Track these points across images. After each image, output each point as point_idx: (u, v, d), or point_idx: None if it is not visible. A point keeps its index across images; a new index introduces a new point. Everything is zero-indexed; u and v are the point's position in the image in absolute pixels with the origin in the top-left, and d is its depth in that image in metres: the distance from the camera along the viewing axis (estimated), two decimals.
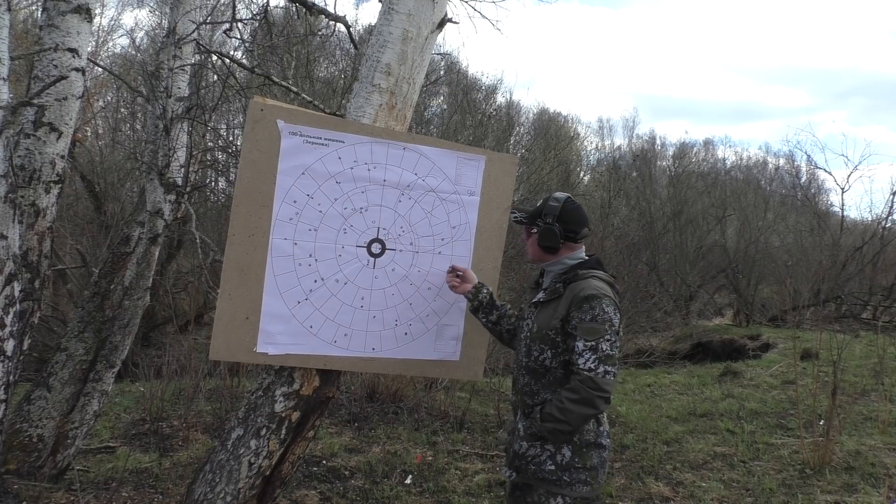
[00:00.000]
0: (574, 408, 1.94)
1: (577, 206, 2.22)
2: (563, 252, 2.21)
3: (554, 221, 2.18)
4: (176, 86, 3.72)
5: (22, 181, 2.85)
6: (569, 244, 2.21)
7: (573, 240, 2.20)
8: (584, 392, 1.92)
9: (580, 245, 2.24)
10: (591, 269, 2.15)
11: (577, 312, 2.01)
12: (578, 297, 2.03)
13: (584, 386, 1.93)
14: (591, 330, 1.98)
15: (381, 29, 2.64)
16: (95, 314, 3.47)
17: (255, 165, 2.39)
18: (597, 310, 1.99)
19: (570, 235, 2.19)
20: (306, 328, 2.50)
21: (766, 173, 26.70)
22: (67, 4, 2.98)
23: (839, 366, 4.80)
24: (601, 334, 1.97)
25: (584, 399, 1.93)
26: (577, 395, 1.94)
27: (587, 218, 2.25)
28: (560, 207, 2.19)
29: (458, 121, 14.52)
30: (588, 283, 2.07)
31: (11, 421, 3.21)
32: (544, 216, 2.21)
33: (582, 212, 2.23)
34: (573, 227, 2.19)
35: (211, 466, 2.53)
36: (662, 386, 7.31)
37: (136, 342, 6.63)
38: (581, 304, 2.01)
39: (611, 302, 2.03)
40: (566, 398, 1.96)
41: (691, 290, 15.82)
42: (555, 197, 2.24)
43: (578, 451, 2.06)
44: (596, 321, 1.98)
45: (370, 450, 4.40)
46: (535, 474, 2.09)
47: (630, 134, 30.45)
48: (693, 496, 3.88)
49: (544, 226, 2.20)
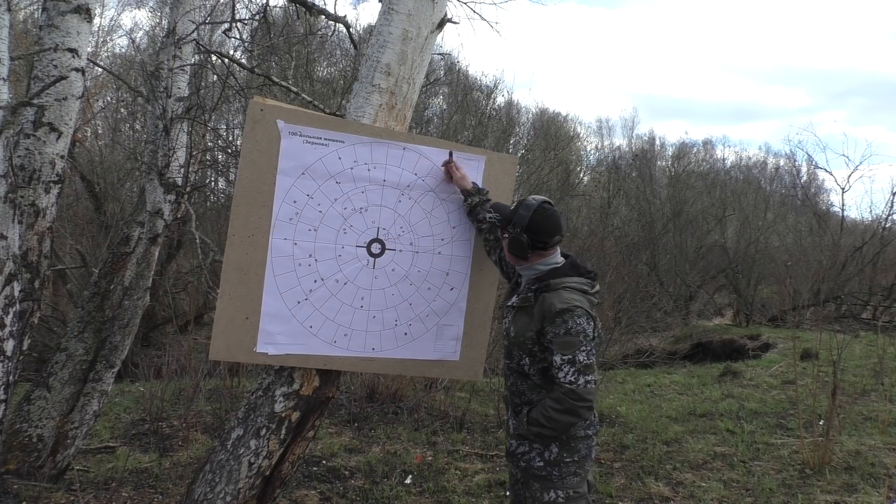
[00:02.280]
0: (559, 417, 2.04)
1: (548, 215, 2.16)
2: (533, 259, 2.20)
3: (522, 231, 2.15)
4: (176, 86, 3.72)
5: (22, 181, 2.85)
6: (539, 252, 2.18)
7: (542, 248, 2.17)
8: (567, 403, 2.01)
9: (552, 251, 2.21)
10: (563, 278, 2.13)
11: (551, 327, 2.05)
12: (550, 311, 2.06)
13: (567, 398, 2.01)
14: (566, 343, 2.02)
15: (380, 29, 2.64)
16: (95, 314, 3.47)
17: (255, 165, 2.39)
18: (569, 323, 2.03)
19: (539, 245, 2.16)
20: (306, 328, 2.50)
21: (766, 173, 26.74)
22: (67, 4, 2.98)
23: (839, 366, 4.80)
24: (577, 346, 2.02)
25: (568, 409, 2.02)
26: (561, 405, 2.02)
27: (559, 226, 2.18)
28: (529, 217, 2.14)
29: (458, 121, 14.52)
30: (559, 296, 2.08)
31: (11, 421, 3.21)
32: (514, 225, 2.18)
33: (553, 221, 2.17)
34: (541, 238, 2.15)
35: (211, 466, 2.53)
36: (662, 386, 7.31)
37: (136, 342, 6.63)
38: (554, 319, 2.05)
39: (582, 312, 2.05)
40: (551, 408, 2.04)
41: (691, 290, 15.82)
42: (526, 204, 2.18)
43: (566, 446, 2.15)
44: (570, 334, 2.02)
45: (370, 450, 4.40)
46: (526, 470, 2.19)
47: (630, 134, 30.52)
48: (693, 496, 3.88)
49: (512, 235, 2.18)
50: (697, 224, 17.22)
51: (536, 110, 22.97)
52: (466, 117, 14.70)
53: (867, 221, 16.26)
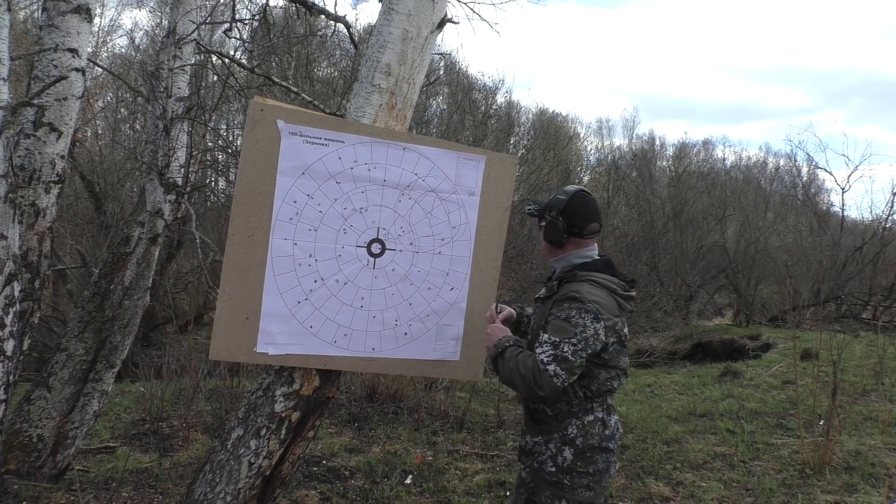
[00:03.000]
0: (515, 375, 1.97)
1: (586, 201, 2.13)
2: (569, 248, 2.15)
3: (558, 215, 2.11)
4: (176, 86, 3.72)
5: (22, 181, 2.85)
6: (574, 240, 2.13)
7: (578, 235, 2.12)
8: (528, 376, 1.93)
9: (589, 241, 2.15)
10: (593, 272, 2.08)
11: (556, 309, 2.00)
12: (563, 296, 2.01)
13: (530, 373, 1.93)
14: (559, 328, 1.95)
15: (380, 29, 2.64)
16: (95, 314, 3.47)
17: (255, 165, 2.39)
18: (573, 312, 1.95)
19: (575, 231, 2.11)
20: (306, 328, 2.50)
21: (766, 173, 26.74)
22: (67, 4, 2.97)
23: (839, 366, 4.80)
24: (568, 335, 1.93)
25: (524, 378, 1.94)
26: (524, 370, 1.94)
27: (597, 214, 2.14)
28: (566, 201, 2.11)
29: (458, 121, 14.53)
30: (578, 286, 2.02)
31: (11, 421, 3.21)
32: (550, 210, 2.14)
33: (591, 207, 2.13)
34: (577, 223, 2.10)
35: (211, 466, 2.53)
36: (662, 386, 7.31)
37: (136, 342, 6.63)
38: (562, 303, 1.99)
39: (593, 309, 1.96)
40: (520, 363, 1.97)
41: (691, 290, 15.82)
42: (565, 190, 2.16)
43: (581, 455, 2.05)
44: (568, 321, 1.95)
45: (370, 450, 4.40)
46: (537, 473, 2.10)
47: (630, 134, 30.49)
48: (693, 496, 3.88)
49: (550, 219, 2.14)
50: (697, 224, 17.22)
51: (536, 110, 22.99)
52: (466, 117, 14.70)
53: (867, 221, 16.28)
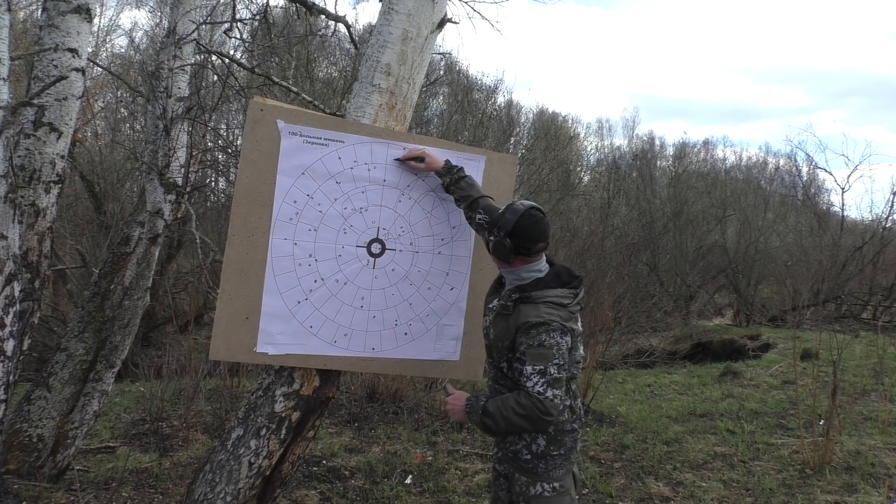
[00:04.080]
0: (515, 420, 2.00)
1: (534, 221, 2.12)
2: (517, 264, 2.17)
3: (505, 236, 2.12)
4: (176, 86, 3.72)
5: (22, 181, 2.85)
6: (522, 258, 2.16)
7: (525, 255, 2.15)
8: (531, 411, 1.98)
9: (536, 258, 2.18)
10: (545, 290, 2.11)
11: (525, 338, 2.04)
12: (526, 324, 2.04)
13: (533, 407, 1.97)
14: (538, 355, 2.00)
15: (380, 29, 2.64)
16: (95, 314, 3.47)
17: (255, 165, 2.39)
18: (543, 336, 2.01)
19: (522, 251, 2.13)
20: (306, 328, 2.50)
21: (766, 173, 26.73)
22: (67, 4, 2.98)
23: (839, 366, 4.80)
24: (549, 359, 2.00)
25: (529, 417, 1.98)
26: (524, 411, 1.98)
27: (545, 233, 2.15)
28: (514, 222, 2.11)
29: (458, 121, 14.52)
30: (536, 310, 2.06)
31: (11, 421, 3.21)
32: (498, 228, 2.15)
33: (539, 227, 2.13)
34: (525, 244, 2.12)
35: (211, 466, 2.54)
36: (662, 386, 7.31)
37: (136, 342, 6.63)
38: (528, 331, 2.03)
39: (558, 327, 2.03)
40: (512, 409, 2.00)
41: (691, 290, 15.82)
42: (513, 209, 2.15)
43: (553, 440, 2.16)
44: (543, 346, 2.01)
45: (370, 450, 4.40)
46: (512, 461, 2.21)
47: (630, 134, 30.49)
48: (693, 496, 3.88)
49: (496, 238, 2.16)
50: (697, 224, 17.22)
51: (536, 110, 23.00)
52: (466, 117, 14.69)
53: (867, 221, 16.29)
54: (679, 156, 25.56)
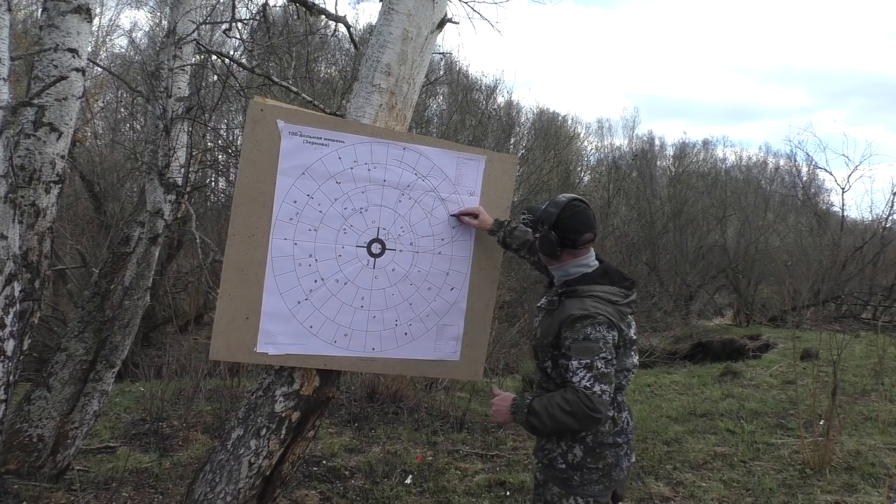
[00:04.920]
0: (562, 418, 1.91)
1: (577, 212, 2.11)
2: (565, 258, 2.14)
3: (550, 229, 2.11)
4: (176, 86, 3.72)
5: (22, 181, 2.85)
6: (569, 251, 2.12)
7: (572, 247, 2.12)
8: (577, 408, 1.88)
9: (584, 251, 2.14)
10: (592, 285, 2.07)
11: (570, 332, 1.98)
12: (570, 317, 1.99)
13: (580, 402, 1.88)
14: (584, 349, 1.94)
15: (381, 29, 2.64)
16: (95, 314, 3.47)
17: (255, 165, 2.39)
18: (588, 329, 1.95)
19: (568, 243, 2.10)
20: (306, 328, 2.50)
21: (766, 173, 26.73)
22: (67, 4, 2.97)
23: (839, 366, 4.80)
24: (595, 353, 1.93)
25: (575, 414, 1.88)
26: (570, 408, 1.89)
27: (590, 223, 2.13)
28: (557, 214, 2.10)
29: (458, 121, 14.52)
30: (581, 303, 2.01)
31: (11, 421, 3.21)
32: (542, 222, 2.14)
33: (583, 217, 2.12)
34: (570, 235, 2.10)
35: (211, 466, 2.54)
36: (662, 386, 7.31)
37: (136, 342, 6.63)
38: (573, 325, 1.98)
39: (604, 321, 1.97)
40: (559, 405, 1.91)
41: (691, 290, 15.82)
42: (555, 202, 2.14)
43: (591, 452, 2.06)
44: (589, 340, 1.94)
45: (370, 450, 4.40)
46: (547, 469, 2.12)
47: (630, 134, 30.48)
48: (693, 496, 3.88)
49: (542, 233, 2.14)
50: (697, 224, 17.23)
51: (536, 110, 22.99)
52: (466, 117, 14.69)
53: (867, 221, 16.29)
54: (679, 156, 25.57)
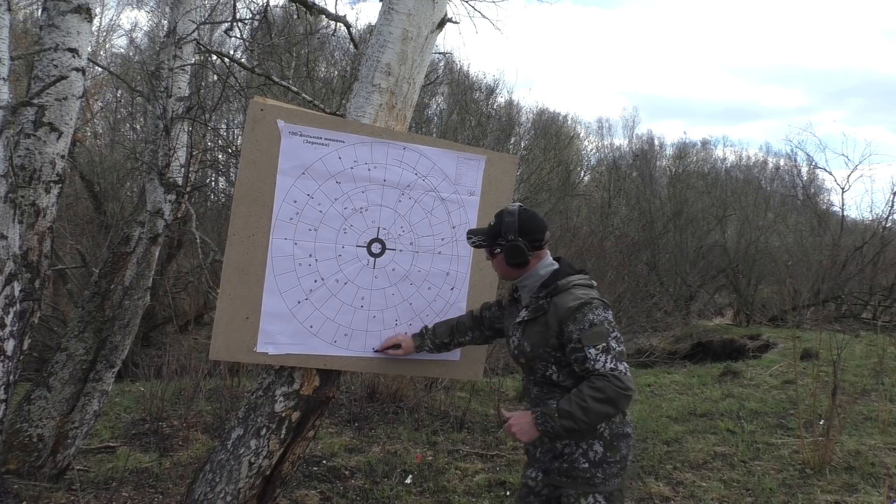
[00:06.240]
0: (598, 407, 1.89)
1: (532, 214, 2.17)
2: (532, 263, 2.17)
3: (517, 236, 2.12)
4: (176, 86, 3.72)
5: (22, 181, 2.85)
6: (536, 254, 2.16)
7: (539, 248, 2.16)
8: (611, 391, 1.88)
9: (545, 251, 2.21)
10: (568, 277, 2.11)
11: (574, 324, 1.99)
12: (569, 309, 2.01)
13: (611, 385, 1.88)
14: (596, 335, 1.96)
15: (381, 29, 2.64)
16: (95, 314, 3.47)
17: (256, 165, 2.39)
18: (590, 315, 1.99)
19: (536, 245, 2.14)
20: (306, 328, 2.50)
21: (766, 173, 26.75)
22: (67, 4, 2.97)
23: (839, 366, 4.80)
24: (607, 335, 1.97)
25: (610, 398, 1.88)
26: (603, 394, 1.88)
27: (545, 222, 2.20)
28: (517, 220, 2.12)
29: (458, 121, 14.52)
30: (572, 295, 2.05)
31: (11, 421, 3.21)
32: (504, 234, 2.13)
33: (538, 217, 2.19)
34: (536, 237, 2.14)
35: (211, 466, 2.54)
36: (662, 386, 7.31)
37: (136, 342, 6.63)
38: (574, 316, 2.00)
39: (600, 303, 2.03)
40: (591, 397, 1.89)
41: (691, 290, 15.82)
42: (508, 212, 2.16)
43: (609, 446, 2.07)
44: (595, 325, 1.98)
45: (370, 450, 4.40)
46: (567, 472, 2.08)
47: (630, 134, 30.50)
48: (693, 496, 3.88)
49: (509, 243, 2.12)
50: (697, 224, 17.23)
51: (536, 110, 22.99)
52: (466, 117, 14.69)
53: (867, 221, 16.30)
54: (679, 155, 25.58)
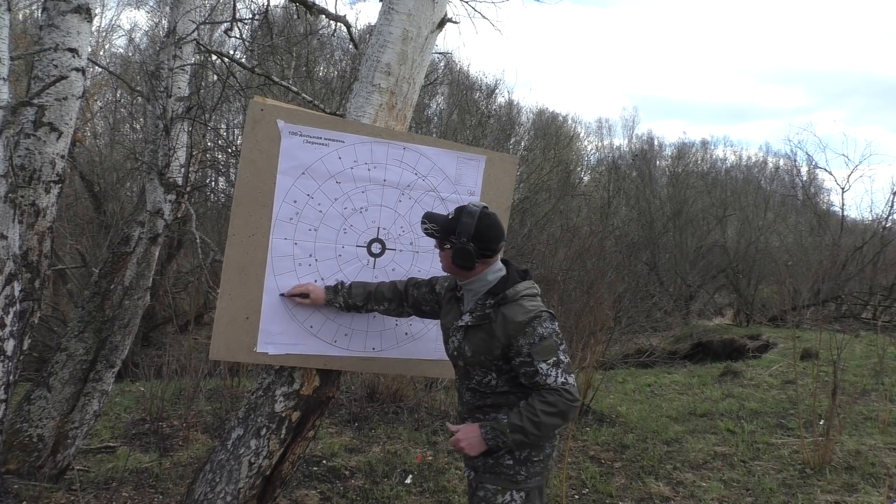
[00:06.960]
0: (549, 420, 1.93)
1: (492, 221, 2.07)
2: (479, 269, 2.08)
3: (469, 241, 2.02)
4: (176, 86, 3.72)
5: (22, 181, 2.85)
6: (483, 262, 2.08)
7: (489, 257, 2.07)
8: (562, 405, 1.93)
9: (495, 259, 2.11)
10: (516, 286, 2.06)
11: (524, 339, 1.98)
12: (519, 323, 1.99)
13: (562, 399, 1.93)
14: (545, 349, 1.97)
15: (381, 29, 2.64)
16: (95, 314, 3.47)
17: (256, 165, 2.39)
18: (539, 329, 1.98)
19: (488, 254, 2.06)
20: (306, 328, 2.50)
21: (766, 173, 26.75)
22: (67, 4, 2.97)
23: (839, 366, 4.80)
24: (556, 348, 1.98)
25: (562, 412, 1.94)
26: (555, 408, 1.93)
27: (503, 231, 2.11)
28: (474, 225, 2.02)
29: (458, 121, 14.52)
30: (521, 307, 2.02)
31: (11, 421, 3.21)
32: (458, 234, 2.03)
33: (497, 225, 2.08)
34: (490, 246, 2.04)
35: (211, 466, 2.54)
36: (662, 386, 7.31)
37: (136, 342, 6.63)
38: (523, 330, 1.98)
39: (548, 315, 2.03)
40: (543, 411, 1.93)
41: (691, 290, 15.82)
42: (468, 212, 2.05)
43: (535, 446, 2.09)
44: (545, 339, 1.98)
45: (370, 450, 4.40)
46: (492, 469, 2.08)
47: (630, 134, 30.51)
48: (693, 496, 3.88)
49: (458, 245, 2.03)
50: (697, 224, 17.23)
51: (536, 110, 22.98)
52: (466, 117, 14.69)
53: (867, 221, 16.31)
54: (679, 155, 25.58)
